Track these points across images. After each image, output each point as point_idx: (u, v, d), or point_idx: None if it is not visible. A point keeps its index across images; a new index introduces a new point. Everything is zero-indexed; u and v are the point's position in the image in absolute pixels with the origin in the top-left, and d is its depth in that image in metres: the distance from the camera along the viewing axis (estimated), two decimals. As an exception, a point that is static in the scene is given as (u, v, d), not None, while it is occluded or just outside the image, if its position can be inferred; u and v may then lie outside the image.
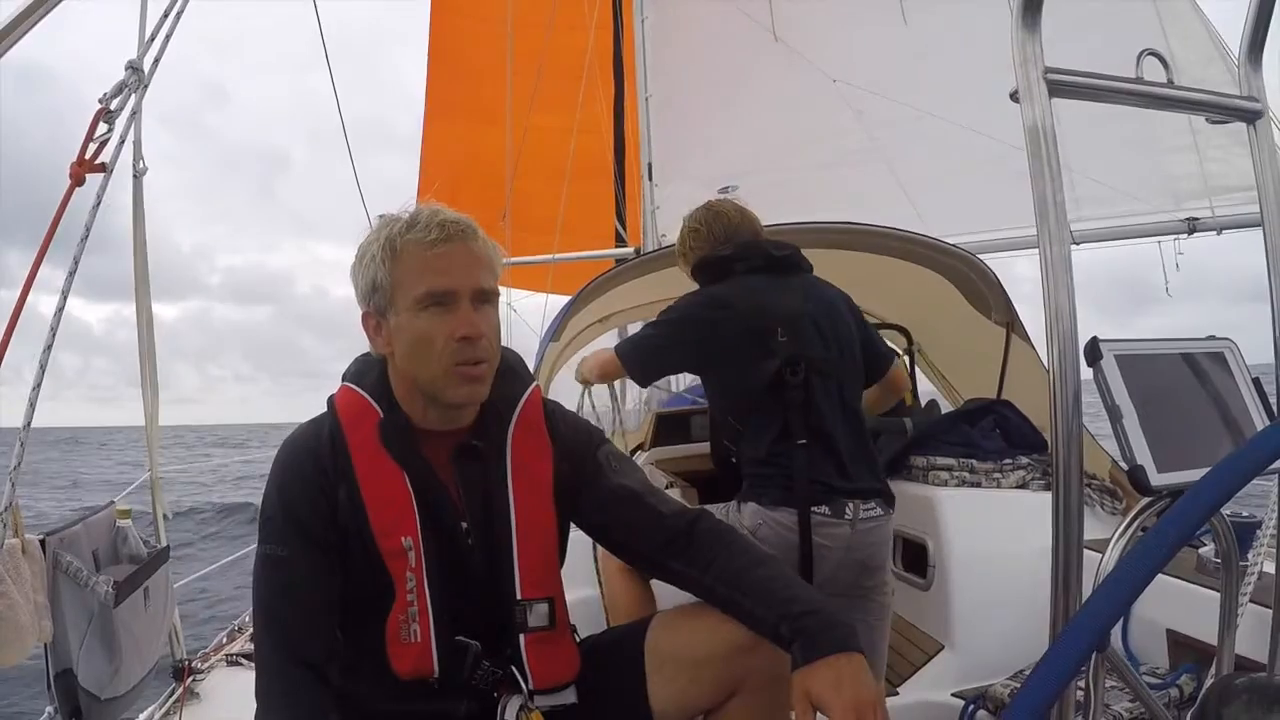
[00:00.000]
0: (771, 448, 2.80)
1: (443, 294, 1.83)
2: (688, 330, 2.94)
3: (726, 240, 3.08)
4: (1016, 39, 1.57)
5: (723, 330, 2.87)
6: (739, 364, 2.87)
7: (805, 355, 2.83)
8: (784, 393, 2.81)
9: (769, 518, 2.74)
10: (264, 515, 1.91)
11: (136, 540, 3.08)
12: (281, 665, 1.84)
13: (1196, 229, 6.78)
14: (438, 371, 1.85)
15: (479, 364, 1.86)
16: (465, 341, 1.83)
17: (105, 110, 2.59)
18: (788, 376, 2.80)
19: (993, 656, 3.14)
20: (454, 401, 1.90)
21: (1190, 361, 1.74)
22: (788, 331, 2.86)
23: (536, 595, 1.94)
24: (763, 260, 3.01)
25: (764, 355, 2.83)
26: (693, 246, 3.16)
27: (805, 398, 2.81)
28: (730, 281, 2.99)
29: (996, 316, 4.42)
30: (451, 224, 1.86)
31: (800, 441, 2.78)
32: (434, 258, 1.83)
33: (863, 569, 2.84)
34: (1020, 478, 3.67)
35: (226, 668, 3.38)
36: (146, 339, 3.24)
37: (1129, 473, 1.57)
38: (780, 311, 2.89)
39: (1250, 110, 1.81)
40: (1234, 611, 1.82)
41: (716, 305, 2.93)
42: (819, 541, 2.73)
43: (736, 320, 2.87)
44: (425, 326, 1.83)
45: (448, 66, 11.24)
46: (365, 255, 1.90)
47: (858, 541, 2.79)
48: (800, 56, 7.69)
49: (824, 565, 2.75)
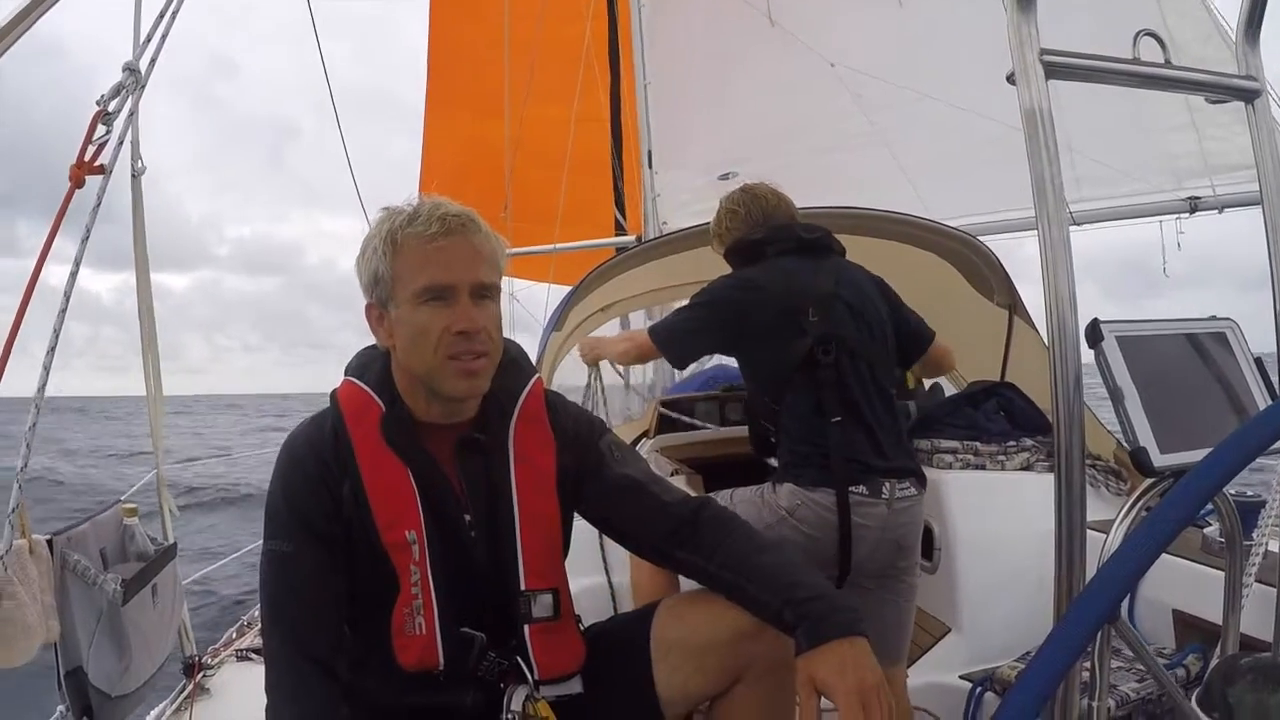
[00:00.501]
0: (806, 425, 2.83)
1: (441, 288, 1.84)
2: (721, 312, 2.96)
3: (763, 222, 3.10)
4: (1012, 21, 1.57)
5: (755, 311, 2.90)
6: (772, 344, 2.89)
7: (837, 335, 2.86)
8: (816, 371, 2.83)
9: (807, 498, 2.75)
10: (269, 511, 1.92)
11: (144, 538, 3.08)
12: (290, 660, 1.85)
13: (1198, 208, 6.75)
14: (435, 364, 1.86)
15: (478, 358, 1.86)
16: (462, 335, 1.84)
17: (103, 112, 2.59)
18: (820, 356, 2.83)
19: (1000, 638, 3.15)
20: (452, 394, 1.90)
21: (1192, 342, 1.74)
22: (819, 311, 2.88)
23: (540, 586, 1.95)
24: (794, 243, 3.03)
25: (796, 335, 2.85)
26: (729, 228, 3.19)
27: (838, 377, 2.84)
28: (762, 264, 3.01)
29: (999, 299, 4.42)
30: (453, 218, 1.86)
31: (835, 419, 2.80)
32: (433, 251, 1.84)
33: (898, 549, 2.87)
34: (1025, 460, 3.67)
35: (237, 663, 3.39)
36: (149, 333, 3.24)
37: (1131, 454, 1.57)
38: (812, 292, 2.91)
39: (1248, 89, 1.80)
40: (1239, 591, 1.82)
41: (749, 287, 2.95)
42: (857, 521, 2.74)
43: (769, 301, 2.90)
44: (424, 320, 1.84)
45: (448, 58, 11.20)
46: (368, 248, 1.91)
47: (894, 521, 2.81)
48: (797, 41, 7.65)
49: (862, 546, 2.77)
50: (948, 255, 4.44)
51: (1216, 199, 6.68)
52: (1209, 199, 6.70)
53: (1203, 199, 6.72)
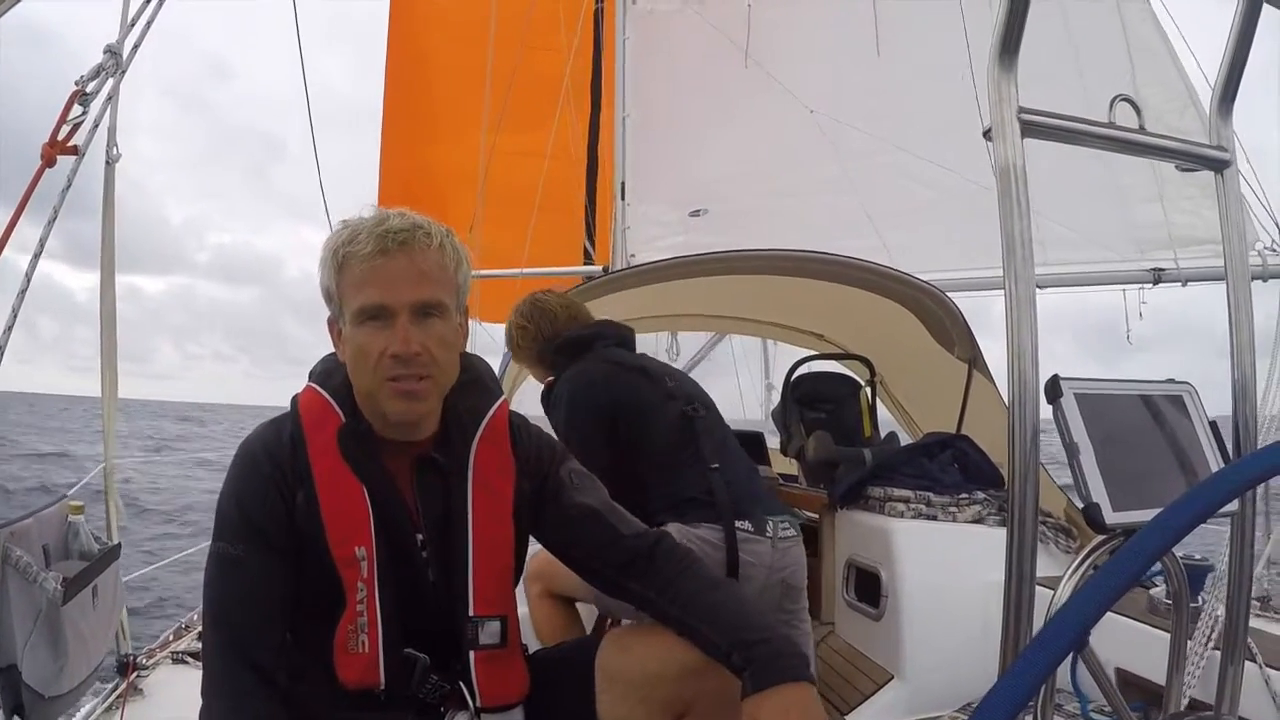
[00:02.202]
0: (687, 474, 2.97)
1: (376, 309, 1.81)
2: (595, 407, 3.08)
3: (553, 337, 3.32)
4: (992, 78, 1.59)
5: (624, 386, 3.10)
6: (648, 409, 3.07)
7: (696, 396, 3.16)
8: (693, 423, 3.06)
9: (693, 535, 2.79)
10: (220, 513, 1.89)
11: (88, 536, 3.04)
12: (228, 666, 1.82)
13: (1162, 279, 6.84)
14: (374, 386, 1.84)
15: (419, 380, 1.83)
16: (396, 359, 1.80)
17: (81, 93, 2.57)
18: (689, 412, 3.08)
19: (942, 688, 3.15)
20: (390, 415, 1.87)
21: (1149, 403, 1.76)
22: (673, 379, 3.21)
23: (489, 613, 1.93)
24: (616, 338, 3.31)
25: (666, 399, 3.09)
26: (520, 343, 3.42)
27: (709, 428, 3.09)
28: (591, 356, 3.21)
29: (960, 352, 4.46)
30: (393, 235, 1.81)
31: (714, 465, 2.98)
32: (369, 271, 1.81)
33: (787, 589, 2.99)
34: (976, 512, 3.69)
35: (171, 665, 3.35)
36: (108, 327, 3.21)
37: (1084, 510, 1.59)
38: (659, 365, 3.29)
39: (1219, 159, 1.84)
40: (1183, 651, 1.84)
41: (605, 369, 3.15)
42: (745, 559, 2.85)
43: (633, 374, 3.14)
44: (364, 340, 1.82)
45: (408, 83, 11.01)
46: (320, 263, 1.89)
47: (779, 561, 2.93)
48: (777, 84, 7.72)
49: (750, 585, 2.83)
50: (911, 306, 4.48)
51: (1180, 272, 6.78)
52: (1172, 271, 6.80)
53: (1166, 270, 6.82)
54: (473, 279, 2.03)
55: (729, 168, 8.18)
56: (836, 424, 4.96)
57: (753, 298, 5.41)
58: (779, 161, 8.02)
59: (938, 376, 4.52)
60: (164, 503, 18.81)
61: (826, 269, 4.29)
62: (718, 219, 8.13)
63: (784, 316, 5.80)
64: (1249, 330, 1.83)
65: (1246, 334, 1.83)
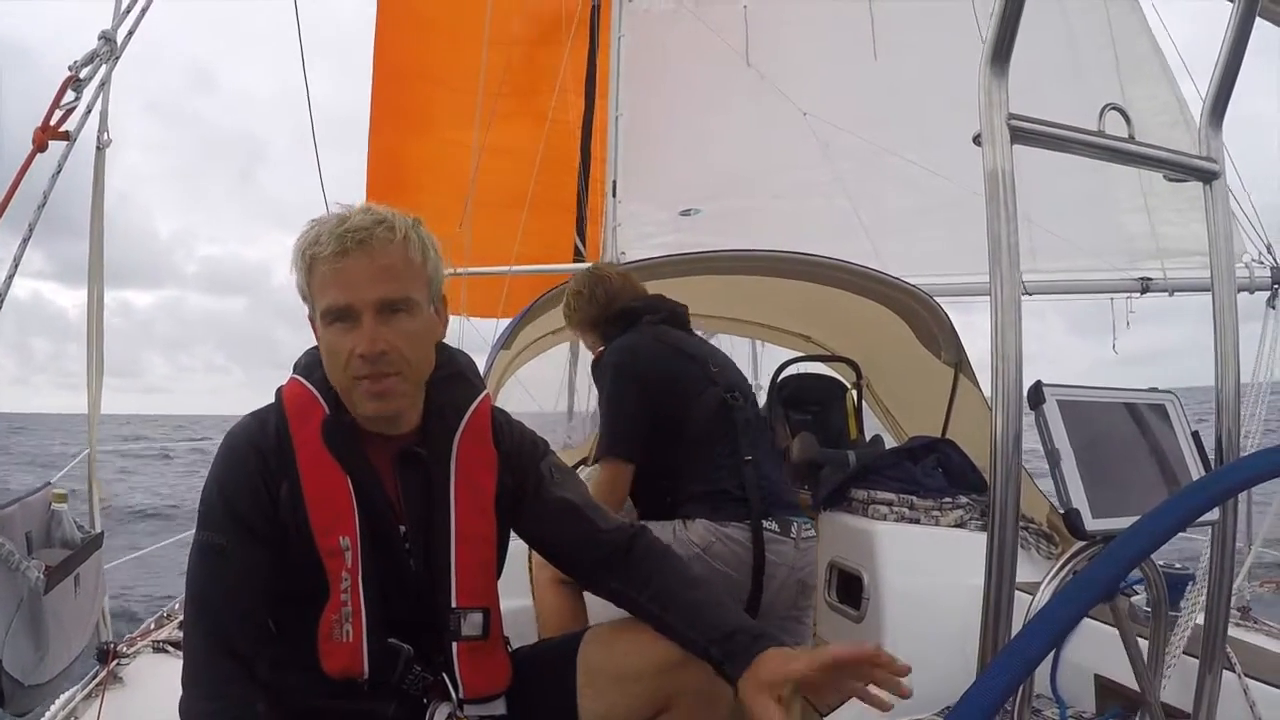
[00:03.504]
0: (721, 466, 2.91)
1: (340, 310, 1.82)
2: (638, 381, 3.05)
3: (608, 303, 3.30)
4: (983, 83, 1.60)
5: (666, 365, 3.04)
6: (688, 392, 3.00)
7: (739, 384, 3.08)
8: (731, 414, 2.97)
9: (722, 534, 2.78)
10: (204, 503, 1.90)
11: (70, 525, 3.04)
12: (210, 655, 1.82)
13: (1149, 289, 6.87)
14: (346, 385, 1.86)
15: (387, 377, 1.84)
16: (364, 359, 1.81)
17: (74, 79, 2.57)
18: (730, 401, 2.99)
19: (921, 691, 3.13)
20: (362, 414, 1.89)
21: (1132, 411, 1.77)
22: (717, 364, 3.11)
23: (471, 604, 1.95)
24: (666, 313, 3.24)
25: (707, 384, 3.01)
26: (575, 308, 3.39)
27: (747, 419, 3.01)
28: (638, 330, 3.17)
29: (946, 356, 4.46)
30: (351, 234, 1.81)
31: (748, 458, 2.92)
32: (332, 273, 1.82)
33: (801, 589, 2.99)
34: (959, 517, 3.69)
35: (152, 654, 3.33)
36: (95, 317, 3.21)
37: (1064, 516, 1.59)
38: (704, 349, 3.20)
39: (1208, 170, 1.84)
40: (1161, 659, 1.85)
41: (648, 346, 3.10)
42: (770, 559, 2.81)
43: (675, 355, 3.07)
44: (332, 340, 1.84)
45: (398, 73, 10.89)
46: (291, 264, 1.90)
47: (800, 560, 2.92)
48: (772, 86, 7.72)
49: (771, 584, 2.84)
50: (898, 309, 4.49)
51: (1167, 282, 6.82)
52: (1160, 281, 6.83)
53: (1154, 280, 6.85)
54: (462, 275, 2.05)
55: (721, 168, 8.19)
56: (822, 426, 4.98)
57: (741, 298, 5.41)
58: (771, 163, 8.03)
59: (923, 380, 4.53)
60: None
61: (814, 271, 4.30)
62: (709, 219, 8.12)
63: (771, 317, 5.81)
64: (1234, 341, 1.84)
65: (1231, 344, 1.83)
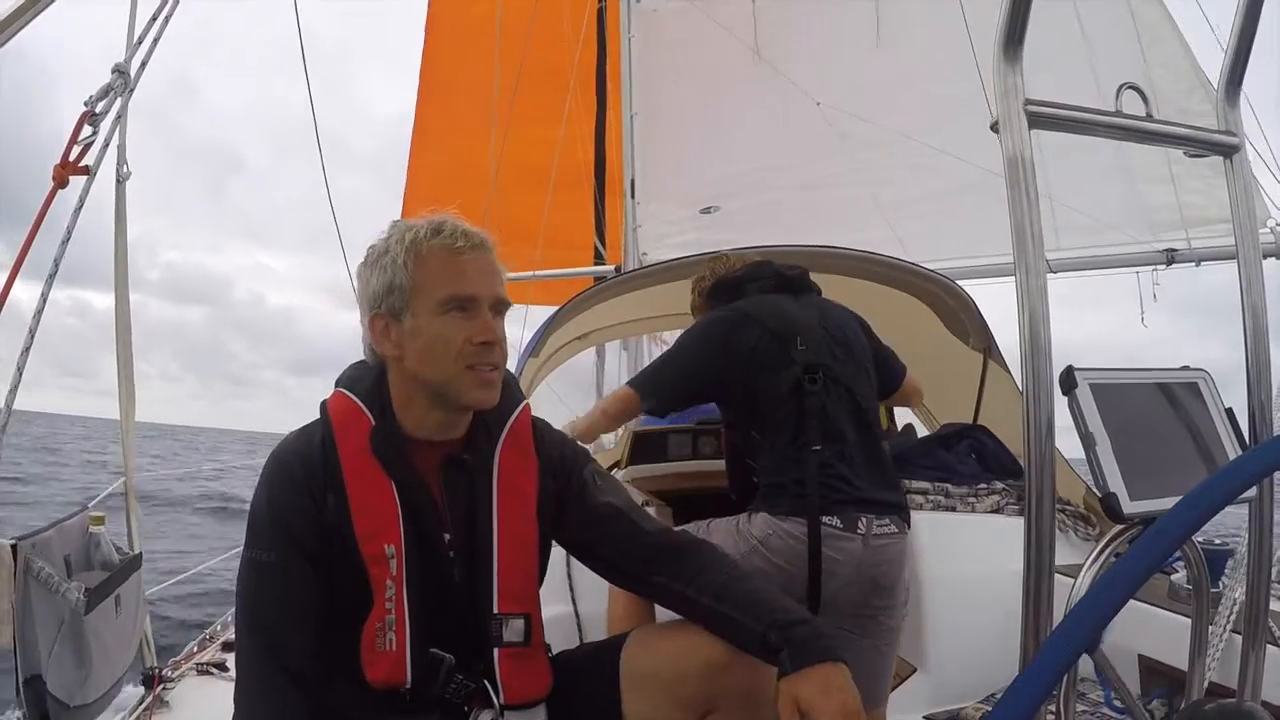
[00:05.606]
0: (785, 454, 2.79)
1: (465, 299, 1.88)
2: (710, 345, 2.97)
3: (720, 278, 3.19)
4: (997, 70, 1.59)
5: (744, 338, 2.91)
6: (761, 372, 2.88)
7: (823, 364, 2.87)
8: (803, 400, 2.82)
9: (779, 528, 2.71)
10: (252, 519, 1.92)
11: (109, 547, 3.07)
12: (263, 670, 1.84)
13: (1175, 260, 6.80)
14: (454, 374, 1.88)
15: (494, 369, 1.91)
16: (484, 346, 1.88)
17: (90, 113, 2.59)
18: (806, 384, 2.83)
19: (965, 679, 3.15)
20: (467, 403, 1.93)
21: (1164, 391, 1.76)
22: (806, 341, 2.90)
23: (513, 610, 1.95)
24: (774, 280, 3.10)
25: (785, 363, 2.86)
26: (701, 290, 3.31)
27: (822, 406, 2.82)
28: (744, 300, 3.06)
29: (974, 342, 4.45)
30: (475, 234, 1.94)
31: (815, 448, 2.77)
32: (459, 263, 1.90)
33: (874, 588, 2.78)
34: (995, 502, 3.68)
35: (197, 676, 3.36)
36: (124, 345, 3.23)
37: (1102, 500, 1.59)
38: (799, 323, 2.95)
39: (1227, 144, 1.83)
40: (1204, 637, 1.84)
41: (737, 316, 2.98)
42: (829, 554, 2.66)
43: (758, 328, 2.92)
44: (445, 330, 1.88)
45: (440, 78, 11.07)
46: (383, 259, 1.93)
47: (870, 559, 2.74)
48: (784, 78, 7.70)
49: (832, 581, 2.69)
50: (925, 298, 4.47)
51: (1193, 252, 6.74)
52: (1185, 251, 6.76)
53: (1179, 251, 6.78)
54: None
55: (738, 163, 8.17)
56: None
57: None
58: (788, 155, 8.00)
59: (953, 367, 4.51)
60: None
61: (838, 263, 4.28)
62: (729, 215, 8.12)
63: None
64: (1263, 315, 1.83)
65: (1261, 319, 1.82)
